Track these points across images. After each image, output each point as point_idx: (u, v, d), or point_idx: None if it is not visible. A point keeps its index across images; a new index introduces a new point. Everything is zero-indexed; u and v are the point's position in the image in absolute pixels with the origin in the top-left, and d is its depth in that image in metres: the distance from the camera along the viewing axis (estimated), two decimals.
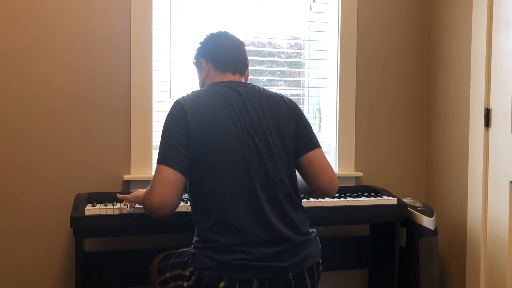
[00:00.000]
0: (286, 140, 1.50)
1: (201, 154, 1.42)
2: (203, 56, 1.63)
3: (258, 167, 1.44)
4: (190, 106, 1.45)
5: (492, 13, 2.13)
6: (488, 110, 2.15)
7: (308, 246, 1.48)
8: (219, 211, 1.41)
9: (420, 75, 2.62)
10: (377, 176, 2.54)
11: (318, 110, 2.60)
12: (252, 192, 1.42)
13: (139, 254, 2.03)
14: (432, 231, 2.18)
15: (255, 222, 1.41)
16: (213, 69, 1.61)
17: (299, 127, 1.56)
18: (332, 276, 2.43)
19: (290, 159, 1.51)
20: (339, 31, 2.45)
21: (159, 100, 2.26)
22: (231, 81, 1.57)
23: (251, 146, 1.44)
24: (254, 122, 1.46)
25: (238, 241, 1.39)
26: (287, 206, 1.47)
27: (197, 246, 1.45)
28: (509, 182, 2.02)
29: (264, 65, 2.52)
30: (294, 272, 1.43)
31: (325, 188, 1.55)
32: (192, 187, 1.48)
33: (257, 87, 1.57)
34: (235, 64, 1.60)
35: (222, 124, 1.43)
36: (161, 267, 1.59)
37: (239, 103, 1.48)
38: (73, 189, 2.09)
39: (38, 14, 2.06)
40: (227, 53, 1.61)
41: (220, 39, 1.64)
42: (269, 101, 1.53)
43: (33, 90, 2.06)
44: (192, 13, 2.32)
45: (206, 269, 1.39)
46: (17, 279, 2.06)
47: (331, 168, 1.57)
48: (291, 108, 1.57)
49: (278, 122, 1.50)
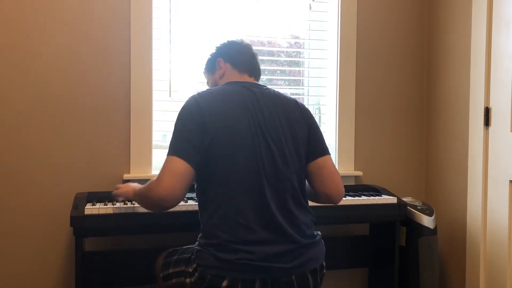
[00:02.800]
0: (298, 143, 1.52)
1: (213, 151, 1.42)
2: (221, 56, 1.66)
3: (269, 167, 1.45)
4: (206, 102, 1.46)
5: (492, 12, 2.13)
6: (488, 109, 2.15)
7: (312, 249, 1.48)
8: (226, 207, 1.42)
9: (420, 74, 2.62)
10: (376, 175, 2.55)
11: (318, 109, 2.60)
12: (260, 192, 1.43)
13: (139, 253, 2.04)
14: (432, 230, 2.18)
15: (261, 221, 1.42)
16: (230, 68, 1.64)
17: (311, 132, 1.58)
18: (332, 275, 2.43)
19: (301, 162, 1.53)
20: (339, 30, 2.45)
21: (159, 99, 2.26)
22: (247, 82, 1.59)
23: (264, 146, 1.45)
24: (268, 123, 1.48)
25: (242, 238, 1.39)
26: (294, 208, 1.47)
27: (201, 243, 1.46)
28: (508, 181, 2.03)
29: (264, 64, 2.52)
30: (297, 273, 1.43)
31: (331, 196, 1.58)
32: (201, 182, 1.48)
33: (272, 90, 1.59)
34: (252, 68, 1.65)
35: (237, 122, 1.44)
36: (165, 262, 1.61)
37: (254, 103, 1.49)
38: (73, 188, 2.09)
39: (38, 14, 2.06)
40: (246, 56, 1.66)
41: (239, 45, 1.69)
42: (283, 104, 1.55)
43: (33, 90, 2.06)
44: (192, 13, 2.32)
45: (209, 267, 1.40)
46: (17, 278, 2.07)
47: (339, 176, 1.59)
48: (304, 113, 1.59)
49: (291, 125, 1.52)
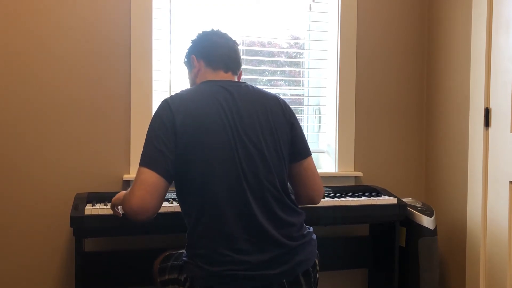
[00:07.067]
0: (279, 143, 1.45)
1: (188, 158, 1.35)
2: (195, 53, 1.58)
3: (248, 171, 1.37)
4: (178, 107, 1.37)
5: (492, 13, 2.13)
6: (488, 110, 2.15)
7: (302, 251, 1.42)
8: (208, 216, 1.36)
9: (420, 75, 2.62)
10: (376, 176, 2.54)
11: (318, 110, 2.60)
12: (242, 197, 1.36)
13: (139, 254, 2.04)
14: (432, 231, 2.18)
15: (245, 228, 1.36)
16: (204, 66, 1.55)
17: (294, 132, 1.51)
18: (332, 276, 2.43)
19: (283, 163, 1.46)
20: (339, 30, 2.45)
21: (159, 100, 2.24)
22: (222, 80, 1.50)
23: (241, 149, 1.38)
24: (246, 124, 1.40)
25: (226, 248, 1.34)
26: (279, 211, 1.41)
27: (187, 253, 1.43)
28: (508, 181, 2.02)
29: (264, 65, 2.52)
30: (288, 278, 1.37)
31: (313, 197, 1.57)
32: (180, 190, 1.42)
33: (250, 87, 1.51)
34: (227, 62, 1.55)
35: (211, 126, 1.37)
36: (161, 268, 1.58)
37: (230, 103, 1.41)
38: (72, 188, 2.09)
39: (38, 15, 2.06)
40: (219, 50, 1.55)
41: (212, 36, 1.59)
42: (263, 102, 1.47)
43: (33, 90, 2.06)
44: (192, 13, 2.32)
45: (197, 278, 1.36)
46: (17, 279, 2.07)
47: (319, 177, 1.58)
48: (285, 111, 1.51)
49: (271, 125, 1.44)
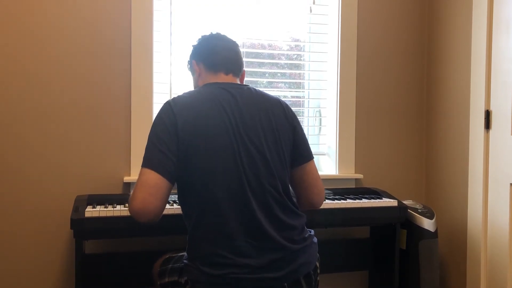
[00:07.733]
0: (281, 146, 1.44)
1: (190, 160, 1.35)
2: (195, 58, 1.59)
3: (251, 174, 1.37)
4: (180, 109, 1.38)
5: (492, 14, 2.13)
6: (488, 112, 2.15)
7: (303, 254, 1.42)
8: (209, 218, 1.36)
9: (420, 77, 2.62)
10: (377, 178, 2.54)
11: (318, 112, 2.60)
12: (244, 200, 1.36)
13: (139, 256, 2.03)
14: (432, 233, 2.18)
15: (247, 231, 1.36)
16: (204, 70, 1.55)
17: (296, 135, 1.51)
18: (332, 278, 2.43)
19: (285, 166, 1.45)
20: (339, 33, 2.45)
21: (159, 102, 2.25)
22: (225, 83, 1.50)
23: (244, 151, 1.37)
24: (248, 127, 1.40)
25: (227, 251, 1.34)
26: (280, 214, 1.41)
27: (188, 256, 1.42)
28: (509, 184, 2.02)
29: (264, 67, 2.52)
30: (289, 281, 1.37)
31: (315, 201, 1.57)
32: (182, 192, 1.42)
33: (253, 89, 1.50)
34: (227, 64, 1.54)
35: (213, 128, 1.37)
36: (161, 270, 1.58)
37: (232, 106, 1.41)
38: (73, 191, 2.09)
39: (38, 16, 2.06)
40: (219, 53, 1.55)
41: (211, 40, 1.59)
42: (266, 105, 1.47)
43: (33, 92, 2.06)
44: (192, 15, 2.32)
45: (198, 282, 1.36)
46: (17, 281, 2.06)
47: (321, 182, 1.58)
48: (288, 114, 1.51)
49: (274, 127, 1.44)
